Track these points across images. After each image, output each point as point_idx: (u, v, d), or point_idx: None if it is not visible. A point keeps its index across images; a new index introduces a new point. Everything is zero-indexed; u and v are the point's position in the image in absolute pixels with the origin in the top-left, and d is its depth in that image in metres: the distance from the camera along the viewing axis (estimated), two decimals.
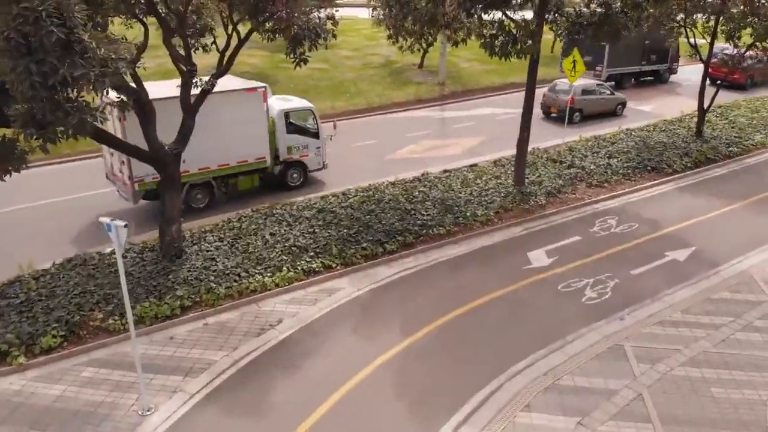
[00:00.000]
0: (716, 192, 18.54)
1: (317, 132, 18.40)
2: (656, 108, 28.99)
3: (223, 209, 16.56)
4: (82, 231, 15.60)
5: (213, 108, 14.63)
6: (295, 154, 18.03)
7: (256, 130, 16.72)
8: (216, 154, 16.12)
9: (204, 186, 16.57)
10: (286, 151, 17.86)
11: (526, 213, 16.73)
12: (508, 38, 13.82)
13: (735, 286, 13.17)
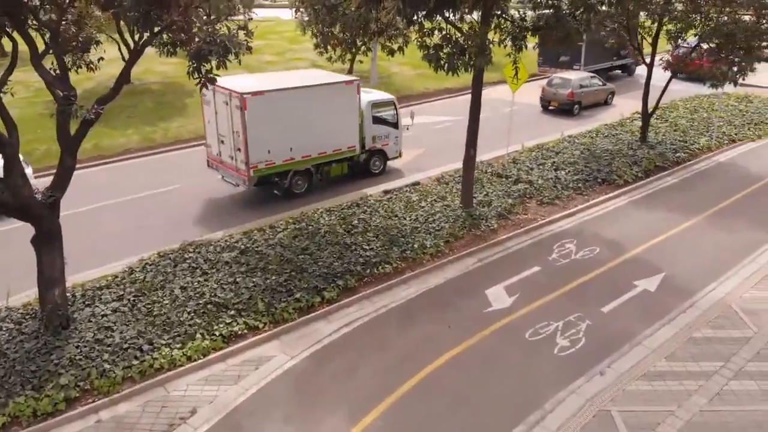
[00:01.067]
0: (672, 205, 17.45)
1: (396, 122, 19.38)
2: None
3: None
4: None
5: (316, 100, 16.23)
6: (378, 143, 19.07)
7: (350, 121, 17.70)
8: (316, 143, 17.00)
9: (304, 173, 17.40)
10: (371, 140, 18.84)
11: (478, 240, 14.96)
12: (454, 49, 11.93)
13: (716, 320, 11.83)
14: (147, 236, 14.80)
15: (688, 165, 20.91)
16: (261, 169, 16.15)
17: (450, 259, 14.05)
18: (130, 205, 17.05)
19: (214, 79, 9.87)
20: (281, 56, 38.96)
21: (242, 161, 15.94)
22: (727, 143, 23.19)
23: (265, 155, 15.87)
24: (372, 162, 19.23)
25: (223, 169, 17.11)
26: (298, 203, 16.93)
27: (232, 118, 15.75)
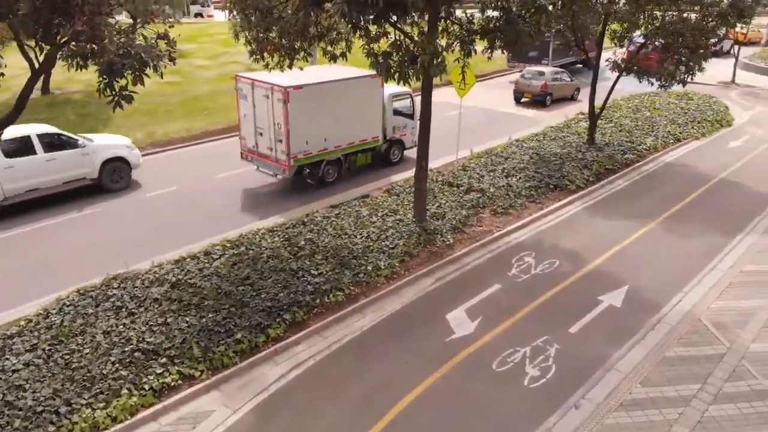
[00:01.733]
0: (627, 210, 17.05)
1: (412, 113, 20.19)
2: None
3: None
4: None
5: (348, 93, 17.22)
6: (397, 133, 20.05)
7: (375, 113, 18.76)
8: (347, 134, 17.97)
9: (335, 162, 18.38)
10: (392, 130, 19.84)
11: (435, 257, 14.03)
12: (405, 57, 10.89)
13: (687, 337, 11.29)
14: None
15: (637, 166, 20.71)
16: (300, 158, 17.21)
17: (406, 281, 13.05)
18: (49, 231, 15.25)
19: (130, 97, 8.46)
20: (215, 60, 37.10)
21: (283, 152, 16.93)
22: (673, 142, 23.22)
23: (304, 146, 17.05)
24: (392, 151, 20.26)
25: (260, 160, 18.04)
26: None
27: (274, 111, 16.69)
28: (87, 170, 17.36)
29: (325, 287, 12.21)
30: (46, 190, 16.60)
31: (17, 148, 15.93)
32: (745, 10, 17.75)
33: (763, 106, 29.86)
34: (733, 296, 12.64)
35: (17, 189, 15.96)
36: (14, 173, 15.80)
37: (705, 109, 27.32)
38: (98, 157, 17.49)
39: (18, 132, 15.84)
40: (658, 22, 19.44)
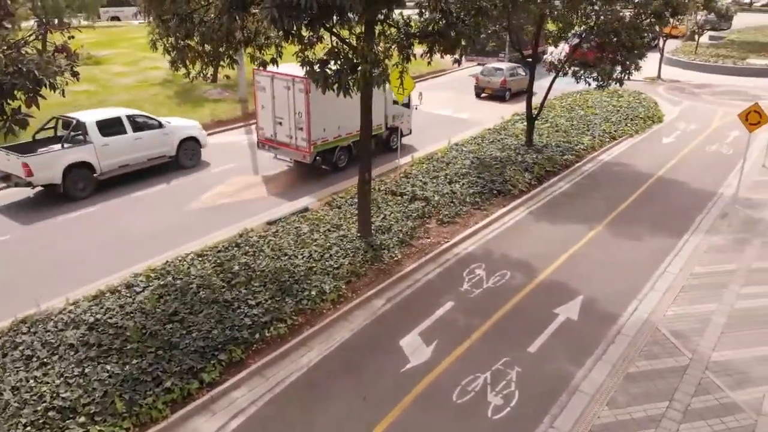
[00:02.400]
0: (572, 214, 16.76)
1: (408, 103, 21.67)
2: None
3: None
4: None
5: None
6: (396, 121, 21.31)
7: (379, 102, 19.38)
8: (357, 122, 17.35)
9: (346, 148, 19.67)
10: (392, 119, 21.18)
11: (383, 275, 13.17)
12: (344, 66, 9.93)
13: (647, 348, 10.91)
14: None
15: (577, 167, 20.59)
16: (318, 145, 18.46)
17: (355, 304, 12.11)
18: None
19: (24, 122, 7.12)
20: (134, 66, 34.91)
21: (303, 139, 18.16)
22: (609, 141, 23.32)
23: (322, 133, 18.30)
24: (391, 138, 21.62)
25: (279, 148, 19.26)
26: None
27: (295, 101, 17.84)
28: (167, 149, 19.61)
29: (265, 319, 11.11)
30: (134, 166, 18.78)
31: (111, 129, 17.97)
32: (678, 6, 17.82)
33: (689, 100, 30.71)
34: (687, 301, 12.42)
35: (111, 165, 18.09)
36: (109, 150, 17.88)
37: (636, 106, 27.75)
38: (176, 137, 19.77)
39: (111, 113, 18.54)
40: (592, 21, 19.34)
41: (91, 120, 17.65)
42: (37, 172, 16.43)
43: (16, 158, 16.36)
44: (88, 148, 17.42)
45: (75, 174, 17.19)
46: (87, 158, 17.41)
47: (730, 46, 44.95)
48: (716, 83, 35.19)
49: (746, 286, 12.91)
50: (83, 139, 17.48)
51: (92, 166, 17.58)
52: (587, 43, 19.34)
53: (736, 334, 11.26)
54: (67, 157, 17.02)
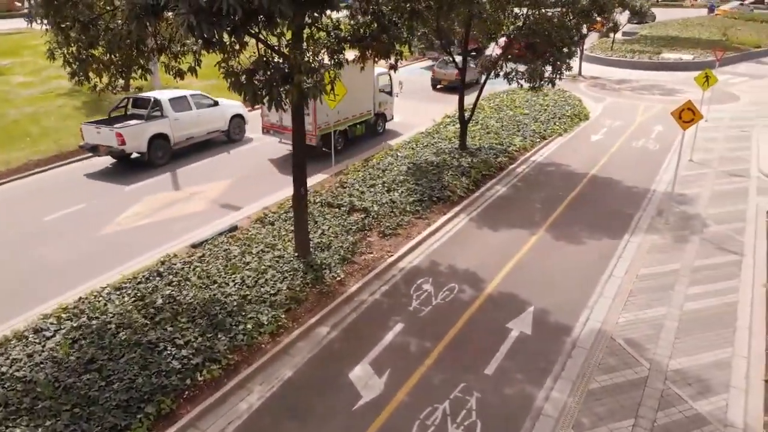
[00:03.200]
0: (512, 218, 16.41)
1: (391, 91, 23.97)
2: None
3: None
4: None
5: (354, 74, 17.57)
6: (382, 108, 23.62)
7: (369, 90, 22.18)
8: (352, 109, 21.24)
9: (343, 132, 21.61)
10: (378, 105, 23.24)
11: (326, 299, 12.22)
12: (275, 75, 8.87)
13: (605, 361, 10.54)
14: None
15: (512, 169, 20.36)
16: (322, 129, 20.22)
17: (297, 334, 11.09)
18: None
19: None
20: (37, 75, 32.16)
21: (309, 124, 19.29)
22: (539, 141, 23.31)
23: (325, 118, 20.11)
24: (378, 123, 23.80)
25: (284, 133, 20.74)
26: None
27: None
28: (221, 124, 22.49)
29: (196, 361, 9.92)
30: (197, 139, 21.58)
31: (179, 105, 20.80)
32: (605, 5, 17.84)
33: (611, 96, 31.44)
34: (637, 306, 12.21)
35: (181, 137, 20.95)
36: (180, 124, 20.72)
37: (562, 105, 28.05)
38: (228, 114, 22.65)
39: (178, 93, 21.33)
40: (520, 21, 19.12)
41: (165, 98, 20.52)
42: (128, 141, 19.11)
43: (109, 130, 18.98)
44: (164, 121, 20.19)
45: (156, 144, 19.95)
46: (165, 130, 20.22)
47: (643, 41, 46.76)
48: (634, 78, 36.36)
49: (692, 286, 12.87)
50: (160, 114, 20.17)
51: (168, 138, 20.34)
52: (518, 45, 19.06)
53: (690, 338, 11.10)
54: (151, 129, 19.78)
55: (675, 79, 36.07)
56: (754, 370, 10.17)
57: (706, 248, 14.58)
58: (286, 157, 21.03)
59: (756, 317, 11.66)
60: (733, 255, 14.17)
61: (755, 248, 14.49)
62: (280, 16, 7.53)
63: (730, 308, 12.05)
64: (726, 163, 20.77)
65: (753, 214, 16.41)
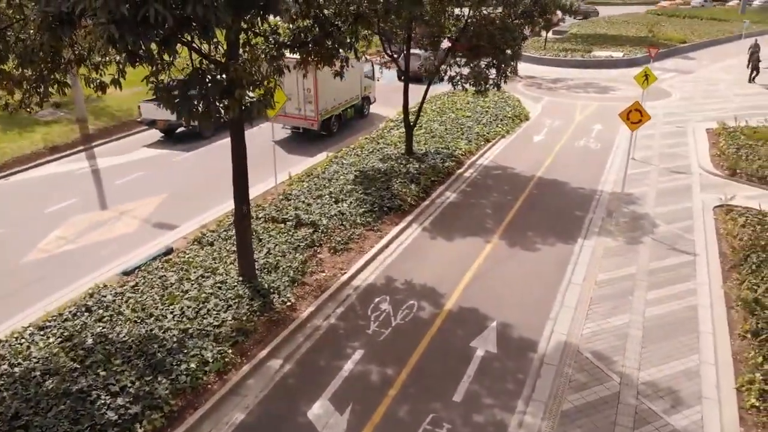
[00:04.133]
0: (465, 226, 15.93)
1: (373, 75, 26.39)
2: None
3: None
4: None
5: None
6: (367, 92, 26.17)
7: (358, 77, 24.86)
8: (346, 95, 24.36)
9: (337, 117, 24.21)
10: (364, 90, 25.91)
11: (277, 327, 11.30)
12: (213, 89, 7.87)
13: (575, 378, 10.12)
14: None
15: (459, 174, 19.94)
16: (322, 114, 22.55)
17: (246, 371, 10.13)
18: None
19: None
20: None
21: (312, 110, 22.19)
22: (484, 144, 23.02)
23: (324, 105, 22.49)
24: (363, 106, 26.35)
25: (287, 119, 22.82)
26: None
27: (304, 80, 21.43)
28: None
29: (134, 410, 8.82)
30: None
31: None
32: (547, 5, 17.63)
33: (548, 95, 31.66)
34: (599, 315, 11.91)
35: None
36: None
37: (503, 106, 27.94)
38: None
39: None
40: (462, 24, 18.69)
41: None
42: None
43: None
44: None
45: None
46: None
47: (573, 39, 47.68)
48: (568, 77, 36.85)
49: (651, 291, 12.71)
50: None
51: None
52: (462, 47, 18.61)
53: (656, 347, 10.86)
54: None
55: (607, 76, 36.82)
56: (723, 378, 9.99)
57: (659, 249, 14.53)
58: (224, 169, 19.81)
59: (717, 321, 11.56)
60: (687, 255, 14.16)
61: (707, 247, 14.54)
62: (217, 23, 6.60)
63: (690, 312, 11.92)
64: (666, 160, 21.07)
65: (699, 212, 16.57)
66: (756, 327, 10.84)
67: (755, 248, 13.57)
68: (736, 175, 18.97)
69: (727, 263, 13.72)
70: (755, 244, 13.72)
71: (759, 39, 40.04)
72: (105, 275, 13.25)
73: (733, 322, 11.51)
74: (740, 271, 13.02)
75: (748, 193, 17.69)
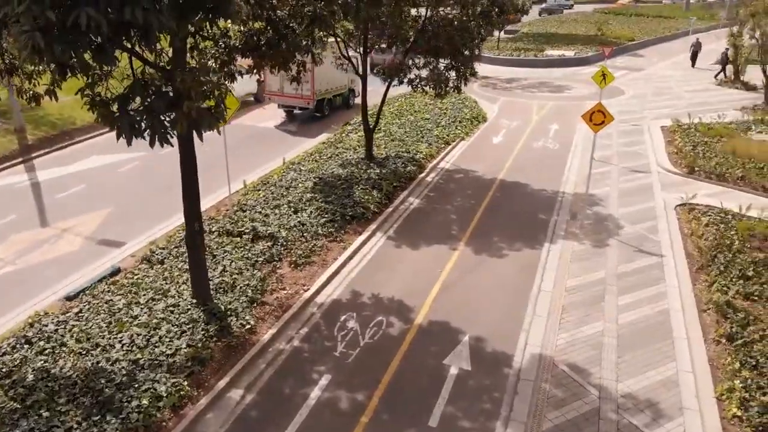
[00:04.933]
0: (430, 233, 15.46)
1: (357, 69, 22.50)
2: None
3: None
4: None
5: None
6: (353, 84, 27.96)
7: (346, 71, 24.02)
8: (335, 83, 26.99)
9: (328, 101, 26.90)
10: (350, 81, 28.03)
11: (236, 354, 10.52)
12: (158, 102, 7.05)
13: (553, 393, 9.72)
14: None
15: (421, 179, 19.48)
16: (317, 95, 25.42)
17: (205, 404, 9.33)
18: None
19: None
20: None
21: (308, 90, 24.87)
22: (444, 146, 22.65)
23: (319, 87, 25.41)
24: (350, 97, 28.59)
25: (283, 99, 25.81)
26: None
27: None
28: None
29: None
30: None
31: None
32: (505, 5, 17.32)
33: (504, 96, 31.60)
34: (572, 324, 11.58)
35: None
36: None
37: (461, 107, 27.67)
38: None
39: None
40: (420, 25, 18.22)
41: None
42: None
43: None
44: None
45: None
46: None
47: (525, 39, 48.02)
48: (522, 76, 36.97)
49: (622, 296, 12.48)
50: None
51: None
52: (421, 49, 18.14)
53: (631, 356, 10.59)
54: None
55: (560, 75, 37.12)
56: (702, 386, 9.77)
57: (626, 252, 14.37)
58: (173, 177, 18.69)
59: (690, 325, 11.39)
60: (654, 257, 14.04)
61: (672, 247, 14.46)
62: (159, 28, 5.85)
63: (663, 317, 11.73)
64: (625, 159, 21.12)
65: (662, 211, 16.54)
66: (730, 331, 10.68)
67: (721, 248, 13.53)
68: (695, 172, 19.10)
69: (695, 264, 13.64)
70: (721, 244, 13.69)
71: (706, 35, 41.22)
72: (46, 301, 12.22)
73: (706, 326, 11.36)
74: (708, 273, 12.95)
75: (708, 190, 17.81)
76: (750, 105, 27.65)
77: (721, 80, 33.48)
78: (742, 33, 29.82)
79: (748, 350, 10.19)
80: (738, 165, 18.95)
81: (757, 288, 12.00)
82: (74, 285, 12.75)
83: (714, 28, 55.98)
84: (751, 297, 11.82)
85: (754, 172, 18.40)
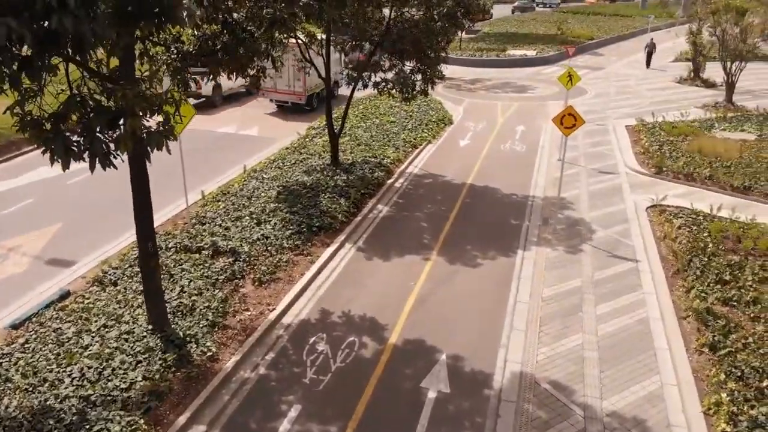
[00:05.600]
0: (401, 243, 14.89)
1: (340, 62, 25.87)
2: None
3: None
4: None
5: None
6: (337, 77, 26.69)
7: (331, 65, 21.54)
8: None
9: (316, 95, 28.13)
10: (335, 75, 24.85)
11: (197, 385, 9.73)
12: (98, 120, 6.22)
13: (537, 415, 9.25)
14: None
15: (390, 185, 18.91)
16: (308, 91, 27.36)
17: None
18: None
19: None
20: None
21: (300, 86, 27.12)
22: (411, 150, 22.14)
23: (310, 84, 27.09)
24: (337, 87, 27.59)
25: (277, 94, 27.72)
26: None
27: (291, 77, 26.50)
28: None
29: None
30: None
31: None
32: (471, 6, 16.88)
33: (468, 97, 31.27)
34: (551, 337, 11.17)
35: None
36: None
37: (426, 109, 27.21)
38: None
39: None
40: (384, 26, 17.63)
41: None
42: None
43: None
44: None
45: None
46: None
47: (487, 38, 47.93)
48: (485, 77, 36.76)
49: (599, 305, 12.15)
50: None
51: None
52: (387, 51, 17.55)
53: (614, 371, 10.21)
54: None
55: (523, 75, 37.05)
56: (688, 400, 9.44)
57: (600, 258, 14.07)
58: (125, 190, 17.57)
59: (671, 334, 11.10)
60: (629, 263, 13.78)
61: (646, 251, 14.24)
62: (95, 37, 5.10)
63: (643, 326, 11.42)
64: (592, 160, 20.96)
65: (633, 213, 16.35)
66: (712, 340, 10.41)
67: (696, 251, 13.33)
68: (662, 172, 19.02)
69: (670, 268, 13.42)
70: (695, 247, 13.49)
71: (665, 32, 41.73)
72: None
73: (686, 334, 11.08)
74: (685, 278, 12.71)
75: (677, 191, 17.73)
76: (711, 102, 27.96)
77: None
78: (701, 30, 30.16)
79: (732, 360, 9.92)
80: (705, 164, 18.95)
81: (735, 293, 11.80)
82: (19, 312, 11.74)
83: (672, 26, 57.01)
84: (729, 302, 11.60)
85: (721, 171, 18.41)
